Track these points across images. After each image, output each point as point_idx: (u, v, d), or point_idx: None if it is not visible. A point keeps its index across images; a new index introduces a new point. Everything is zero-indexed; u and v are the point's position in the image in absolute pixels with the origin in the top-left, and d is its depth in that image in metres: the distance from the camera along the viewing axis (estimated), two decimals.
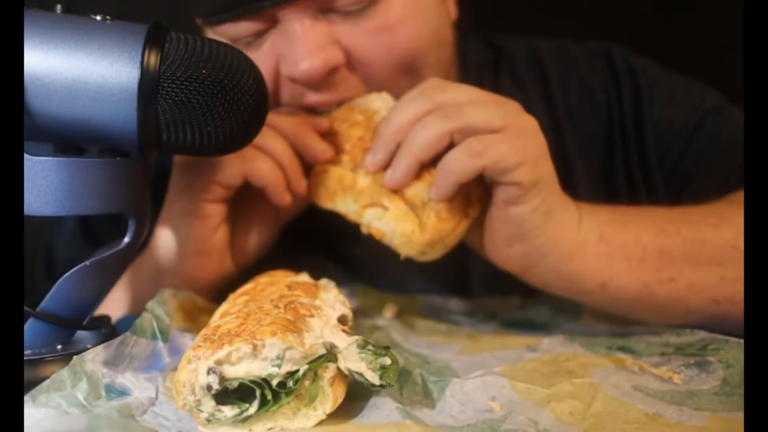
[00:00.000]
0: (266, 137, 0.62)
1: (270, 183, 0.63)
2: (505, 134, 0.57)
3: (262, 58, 0.65)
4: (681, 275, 0.61)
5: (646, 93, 0.81)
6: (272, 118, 0.62)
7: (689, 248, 0.61)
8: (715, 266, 0.60)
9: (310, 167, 0.65)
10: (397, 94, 0.67)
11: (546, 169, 0.60)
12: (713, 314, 0.61)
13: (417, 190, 0.60)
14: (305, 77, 0.64)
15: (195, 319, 0.62)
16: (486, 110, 0.58)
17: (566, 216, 0.61)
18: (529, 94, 0.82)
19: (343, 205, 0.63)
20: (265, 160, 0.63)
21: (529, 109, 0.62)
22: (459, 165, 0.57)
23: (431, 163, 0.60)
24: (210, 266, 0.66)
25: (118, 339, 0.52)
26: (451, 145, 0.59)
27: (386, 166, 0.61)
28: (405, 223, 0.60)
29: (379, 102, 0.65)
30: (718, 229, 0.61)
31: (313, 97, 0.67)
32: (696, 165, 0.77)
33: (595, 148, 0.81)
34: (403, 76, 0.68)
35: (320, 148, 0.64)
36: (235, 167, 0.63)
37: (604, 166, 0.81)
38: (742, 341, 0.53)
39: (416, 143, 0.58)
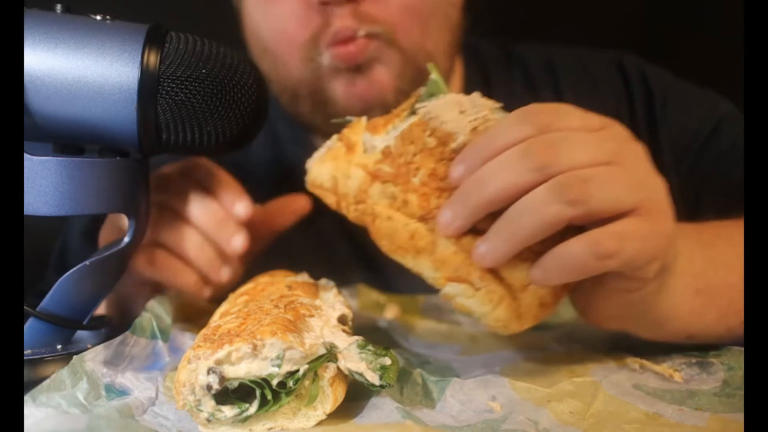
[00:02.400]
0: (177, 235, 0.61)
1: (182, 286, 0.62)
2: (637, 221, 0.45)
3: None
4: None
5: (660, 99, 0.81)
6: (188, 207, 0.62)
7: None
8: None
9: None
10: (405, 39, 0.71)
11: (670, 250, 0.49)
12: None
13: (515, 271, 0.47)
14: None
15: (195, 319, 0.62)
16: (613, 181, 0.45)
17: (672, 288, 0.51)
18: (541, 95, 0.82)
19: (417, 266, 0.49)
20: (175, 268, 0.62)
21: None
22: (582, 264, 0.45)
23: None
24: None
25: (118, 339, 0.52)
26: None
27: (467, 231, 0.47)
28: (500, 310, 0.48)
29: (455, 113, 0.49)
30: None
31: (338, 22, 0.69)
32: (713, 169, 0.77)
33: None
34: (412, 21, 0.71)
35: (235, 244, 0.62)
36: (145, 272, 0.62)
37: None
38: (743, 348, 0.53)
39: (524, 229, 0.45)
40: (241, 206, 0.63)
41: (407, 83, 0.72)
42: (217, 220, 0.62)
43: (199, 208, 0.62)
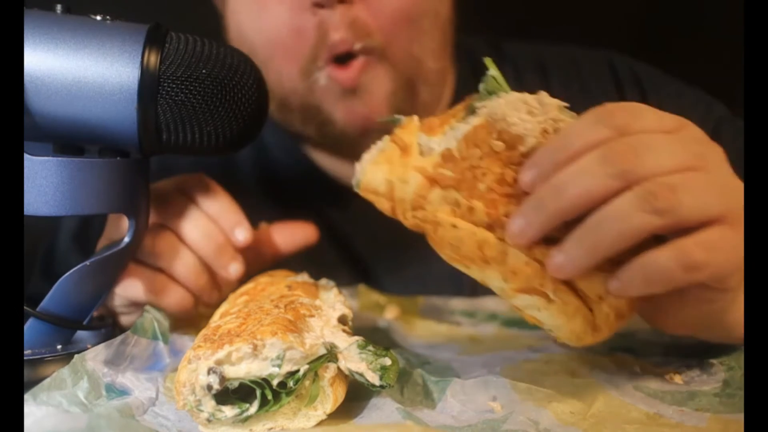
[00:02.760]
0: (172, 257, 0.60)
1: (170, 307, 0.61)
2: (724, 230, 0.43)
3: None
4: None
5: (654, 100, 0.81)
6: (186, 228, 0.61)
7: None
8: None
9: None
10: (396, 49, 0.70)
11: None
12: None
13: (592, 282, 0.45)
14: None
15: (196, 323, 0.61)
16: (700, 188, 0.43)
17: (742, 297, 0.48)
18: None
19: (484, 277, 0.46)
20: (170, 292, 0.60)
21: None
22: (667, 276, 0.42)
23: None
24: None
25: (119, 338, 0.52)
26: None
27: (540, 239, 0.45)
28: (575, 322, 0.45)
29: (523, 113, 0.46)
30: None
31: (335, 35, 0.68)
32: None
33: None
34: (404, 25, 0.70)
35: (232, 271, 0.62)
36: (132, 292, 0.60)
37: None
38: (742, 347, 0.53)
39: (607, 240, 0.42)
40: (241, 232, 0.62)
41: (400, 99, 0.73)
42: (216, 245, 0.61)
43: (198, 231, 0.61)
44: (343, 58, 0.70)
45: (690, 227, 0.42)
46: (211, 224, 0.61)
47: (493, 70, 0.49)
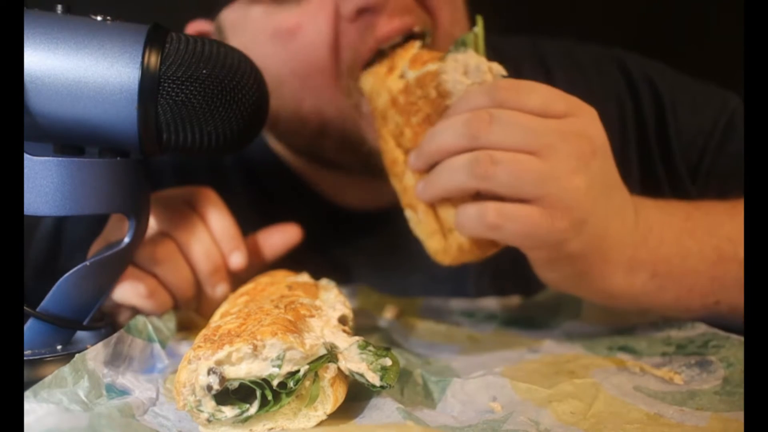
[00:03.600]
0: (170, 267, 0.61)
1: (153, 310, 0.61)
2: (529, 210, 0.51)
3: (318, 5, 0.63)
4: (727, 298, 0.58)
5: (668, 100, 0.80)
6: (188, 242, 0.61)
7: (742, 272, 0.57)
8: None
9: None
10: (438, 25, 0.66)
11: (594, 221, 0.52)
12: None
13: (446, 214, 0.56)
14: (375, 1, 0.61)
15: (193, 330, 0.61)
16: (522, 170, 0.50)
17: (608, 271, 0.55)
18: None
19: (393, 185, 0.60)
20: (156, 296, 0.60)
21: None
22: (473, 226, 0.53)
23: None
24: None
25: (115, 337, 0.52)
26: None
27: (426, 170, 0.56)
28: (431, 241, 0.57)
29: (459, 74, 0.55)
30: None
31: (386, 26, 0.62)
32: (733, 165, 0.76)
33: None
34: (447, 4, 0.67)
35: (219, 291, 0.63)
36: (126, 294, 0.60)
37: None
38: (742, 338, 0.53)
39: (440, 184, 0.54)
40: (237, 258, 0.63)
41: None
42: (213, 265, 0.62)
43: (200, 247, 0.62)
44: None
45: (503, 198, 0.51)
46: (213, 244, 0.63)
47: (477, 28, 0.57)
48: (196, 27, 0.72)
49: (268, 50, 0.63)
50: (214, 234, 0.63)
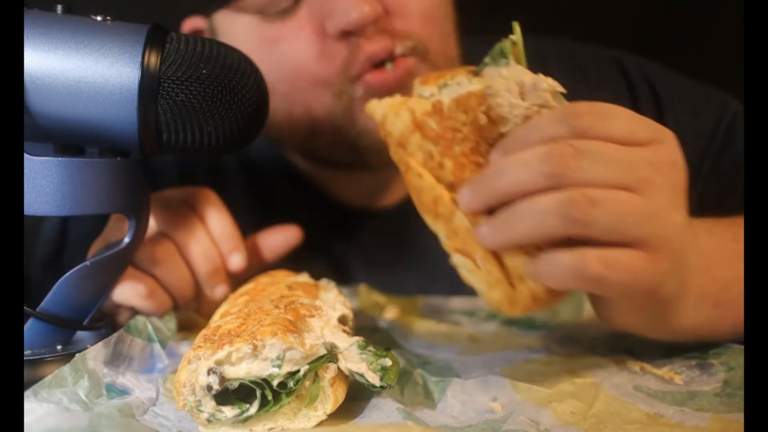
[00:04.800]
0: (169, 268, 0.60)
1: (151, 313, 0.60)
2: (633, 255, 0.44)
3: (302, 22, 0.65)
4: None
5: (668, 103, 0.79)
6: (188, 244, 0.61)
7: None
8: None
9: None
10: (434, 50, 0.67)
11: (676, 276, 0.47)
12: None
13: (516, 261, 0.47)
14: (358, 24, 0.63)
15: (193, 330, 0.61)
16: (622, 211, 0.43)
17: (685, 306, 0.50)
18: None
19: (434, 227, 0.50)
20: (155, 296, 0.60)
21: None
22: (566, 278, 0.44)
23: None
24: None
25: (115, 337, 0.52)
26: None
27: (484, 213, 0.47)
28: (495, 292, 0.48)
29: (514, 96, 0.47)
30: None
31: (371, 46, 0.64)
32: (734, 169, 0.75)
33: None
34: (434, 28, 0.68)
35: (218, 293, 0.63)
36: (125, 295, 0.60)
37: None
38: (743, 347, 0.53)
39: (521, 229, 0.44)
40: (237, 259, 0.63)
41: None
42: (213, 266, 0.62)
43: (199, 248, 0.62)
44: (380, 64, 0.66)
45: (601, 242, 0.43)
46: (212, 245, 0.62)
47: (516, 36, 0.50)
48: (191, 24, 0.72)
49: (256, 56, 0.63)
50: (213, 235, 0.63)
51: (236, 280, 0.64)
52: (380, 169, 0.62)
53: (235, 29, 0.69)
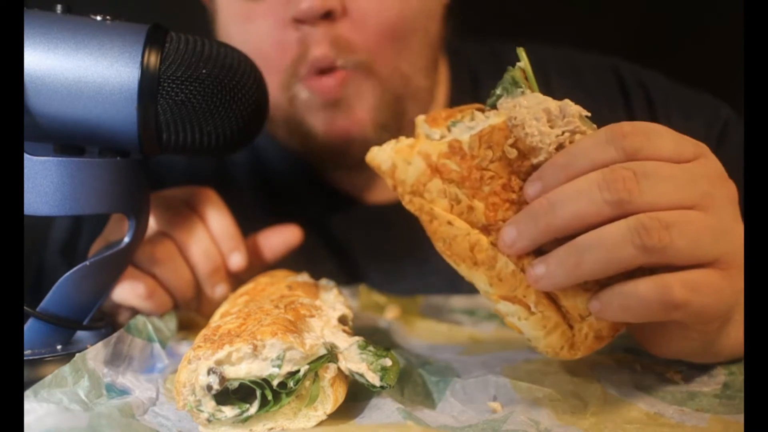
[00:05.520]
0: (169, 268, 0.61)
1: (151, 313, 0.60)
2: (713, 274, 0.42)
3: (271, 7, 0.69)
4: None
5: (661, 107, 0.80)
6: (188, 243, 0.61)
7: None
8: None
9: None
10: (382, 66, 0.69)
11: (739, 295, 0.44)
12: None
13: (575, 299, 0.44)
14: (306, 13, 0.66)
15: (193, 330, 0.61)
16: (696, 230, 0.41)
17: (734, 329, 0.47)
18: None
19: (471, 277, 0.45)
20: (156, 296, 0.60)
21: None
22: (645, 309, 0.41)
23: None
24: None
25: (115, 336, 0.52)
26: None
27: (530, 252, 0.44)
28: (552, 336, 0.45)
29: (542, 124, 0.44)
30: None
31: (316, 51, 0.68)
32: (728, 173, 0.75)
33: None
34: (390, 43, 0.69)
35: (218, 292, 0.63)
36: (125, 295, 0.60)
37: None
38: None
39: (590, 264, 0.41)
40: (237, 258, 0.64)
41: (386, 115, 0.72)
42: (213, 265, 0.62)
43: (199, 248, 0.62)
44: (324, 71, 0.69)
45: (676, 266, 0.41)
46: (213, 244, 0.63)
47: (523, 62, 0.47)
48: None
49: (234, 29, 0.69)
50: (213, 234, 0.63)
51: (236, 280, 0.64)
52: (357, 168, 0.63)
53: (221, 4, 0.74)
